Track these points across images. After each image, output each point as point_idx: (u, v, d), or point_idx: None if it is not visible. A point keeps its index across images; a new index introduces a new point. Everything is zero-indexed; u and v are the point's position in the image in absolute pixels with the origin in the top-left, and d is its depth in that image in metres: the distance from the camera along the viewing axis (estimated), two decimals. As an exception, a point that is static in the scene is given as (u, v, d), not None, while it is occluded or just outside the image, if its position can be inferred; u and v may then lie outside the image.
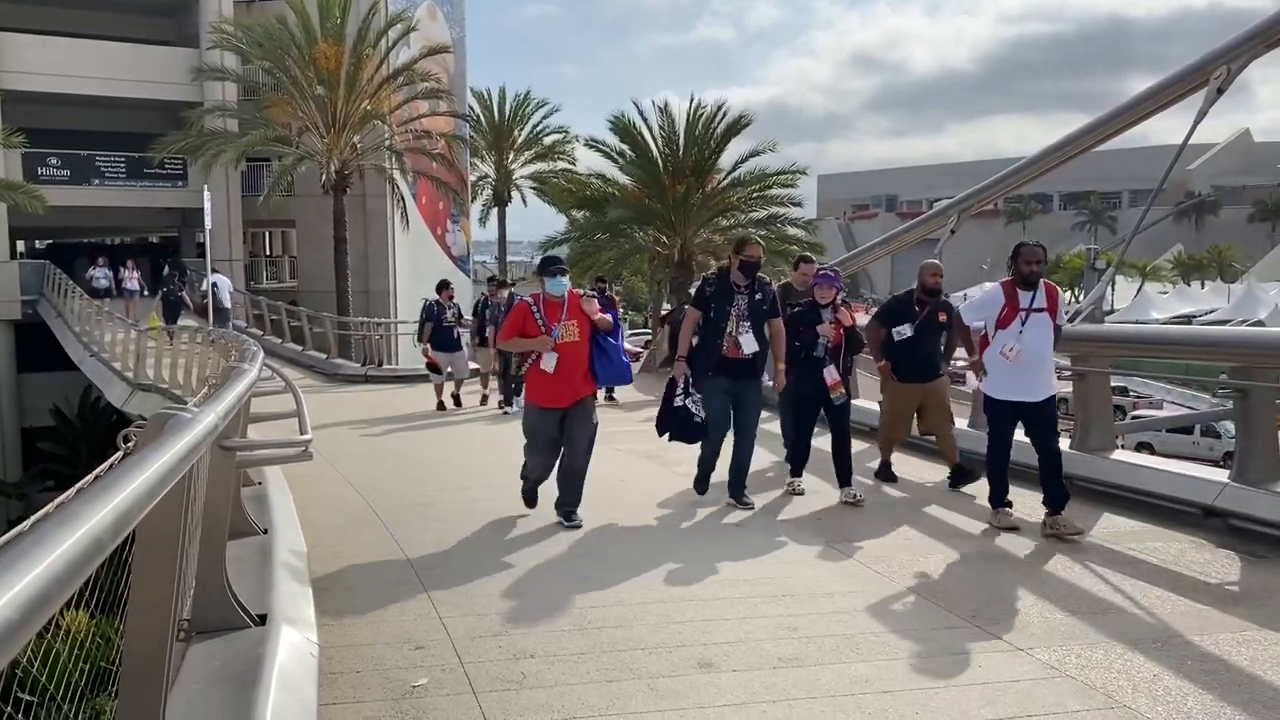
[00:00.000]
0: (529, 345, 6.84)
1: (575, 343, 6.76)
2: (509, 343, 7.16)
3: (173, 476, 2.33)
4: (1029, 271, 6.63)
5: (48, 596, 1.36)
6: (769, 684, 4.12)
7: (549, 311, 6.79)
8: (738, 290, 7.35)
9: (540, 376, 6.82)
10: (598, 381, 6.97)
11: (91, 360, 21.91)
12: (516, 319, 6.96)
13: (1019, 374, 6.57)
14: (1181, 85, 9.80)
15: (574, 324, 6.77)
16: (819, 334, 7.64)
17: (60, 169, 30.59)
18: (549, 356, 6.72)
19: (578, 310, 6.82)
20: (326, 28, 28.59)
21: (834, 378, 7.69)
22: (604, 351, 6.85)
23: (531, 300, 6.91)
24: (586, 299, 6.91)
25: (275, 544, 5.15)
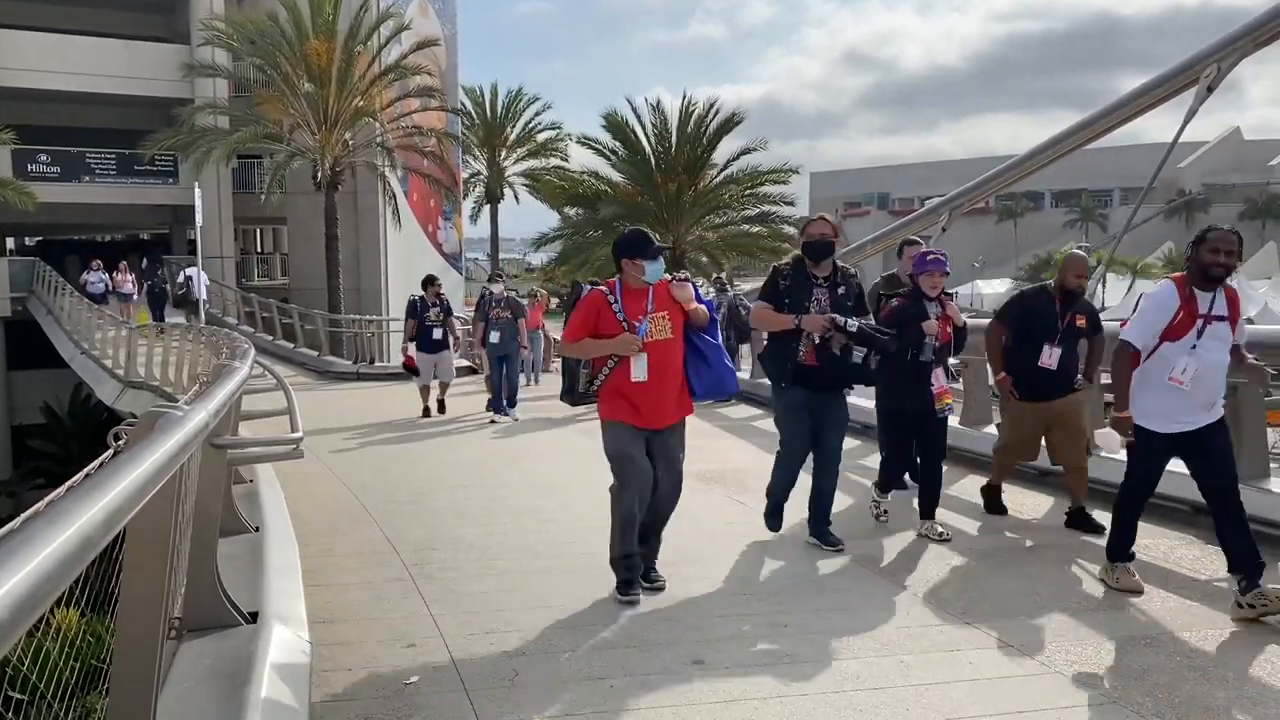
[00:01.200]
0: (608, 347, 5.17)
1: (668, 341, 5.22)
2: (577, 346, 5.28)
3: (164, 474, 2.33)
4: (1214, 265, 5.04)
5: (38, 595, 1.36)
6: (761, 681, 4.13)
7: (630, 302, 5.20)
8: (816, 283, 6.03)
9: (626, 391, 5.16)
10: (695, 394, 5.32)
11: (82, 358, 21.85)
12: (587, 313, 5.24)
13: (1185, 398, 5.04)
14: (1172, 83, 9.84)
15: (664, 316, 5.22)
16: (925, 332, 6.30)
17: (50, 166, 30.46)
18: (638, 360, 5.13)
19: (668, 299, 5.24)
20: (318, 24, 28.52)
21: (942, 384, 6.43)
22: (700, 354, 5.31)
23: (606, 289, 5.28)
24: (678, 284, 5.31)
25: (267, 542, 5.15)
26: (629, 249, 5.25)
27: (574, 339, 5.30)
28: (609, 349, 5.19)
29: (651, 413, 5.19)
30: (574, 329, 5.30)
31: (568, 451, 10.33)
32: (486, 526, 6.90)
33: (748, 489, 7.99)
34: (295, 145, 28.99)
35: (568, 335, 5.36)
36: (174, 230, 35.66)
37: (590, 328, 5.23)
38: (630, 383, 5.15)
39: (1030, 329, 6.61)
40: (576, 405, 5.48)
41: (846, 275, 6.17)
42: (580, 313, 5.29)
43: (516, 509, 7.45)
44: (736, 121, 29.34)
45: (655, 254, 5.23)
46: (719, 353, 5.36)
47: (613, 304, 5.22)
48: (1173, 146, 9.83)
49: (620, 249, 5.28)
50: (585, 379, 5.30)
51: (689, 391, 5.32)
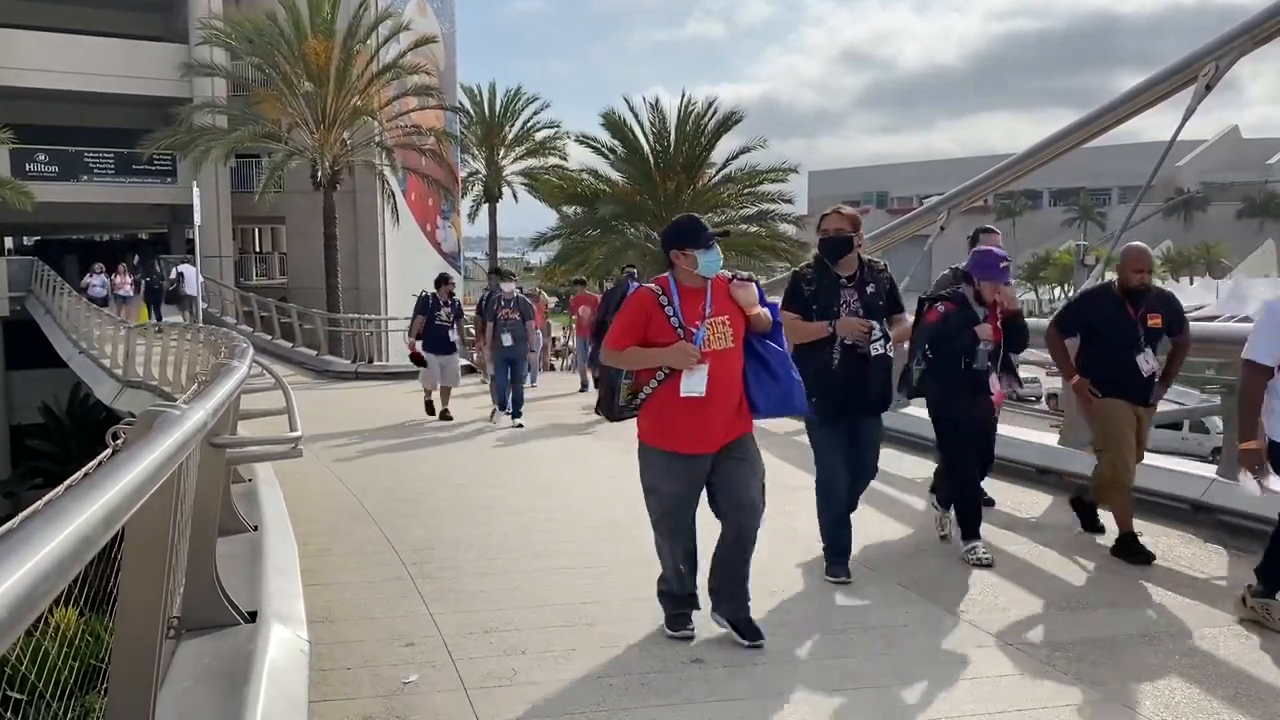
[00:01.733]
0: (661, 358, 4.37)
1: (729, 351, 4.42)
2: (622, 355, 4.48)
3: (162, 474, 2.32)
4: None
5: (37, 594, 1.36)
6: (760, 679, 4.13)
7: (686, 303, 4.43)
8: (842, 283, 5.41)
9: (675, 407, 4.39)
10: (756, 411, 4.53)
11: (80, 357, 21.84)
12: (635, 315, 4.45)
13: None
14: (1170, 82, 9.83)
15: (724, 321, 4.42)
16: (979, 338, 5.74)
17: (48, 165, 30.43)
18: (695, 374, 4.35)
19: (728, 301, 4.46)
20: (316, 23, 28.52)
21: (999, 390, 5.91)
22: (763, 364, 4.50)
23: (658, 287, 4.49)
24: (739, 284, 4.50)
25: (265, 541, 5.14)
26: (678, 238, 4.48)
27: (619, 346, 4.45)
28: (661, 360, 4.36)
29: (703, 433, 4.39)
30: (619, 334, 4.47)
31: (568, 451, 10.33)
32: (486, 526, 6.90)
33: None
34: (293, 144, 29.00)
35: (611, 341, 4.50)
36: (172, 229, 35.63)
37: (638, 333, 4.41)
38: (681, 398, 4.36)
39: (1095, 334, 6.01)
40: (616, 420, 4.73)
41: (875, 271, 5.50)
42: (626, 315, 4.48)
43: (516, 508, 7.45)
44: (735, 120, 29.36)
45: (709, 242, 4.42)
46: (785, 363, 4.54)
47: (665, 306, 4.40)
48: (1171, 145, 9.82)
49: (669, 239, 4.54)
50: (627, 391, 4.52)
51: (750, 407, 4.52)
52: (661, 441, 4.46)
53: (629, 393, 4.52)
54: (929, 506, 6.45)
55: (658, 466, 4.51)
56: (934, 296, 6.01)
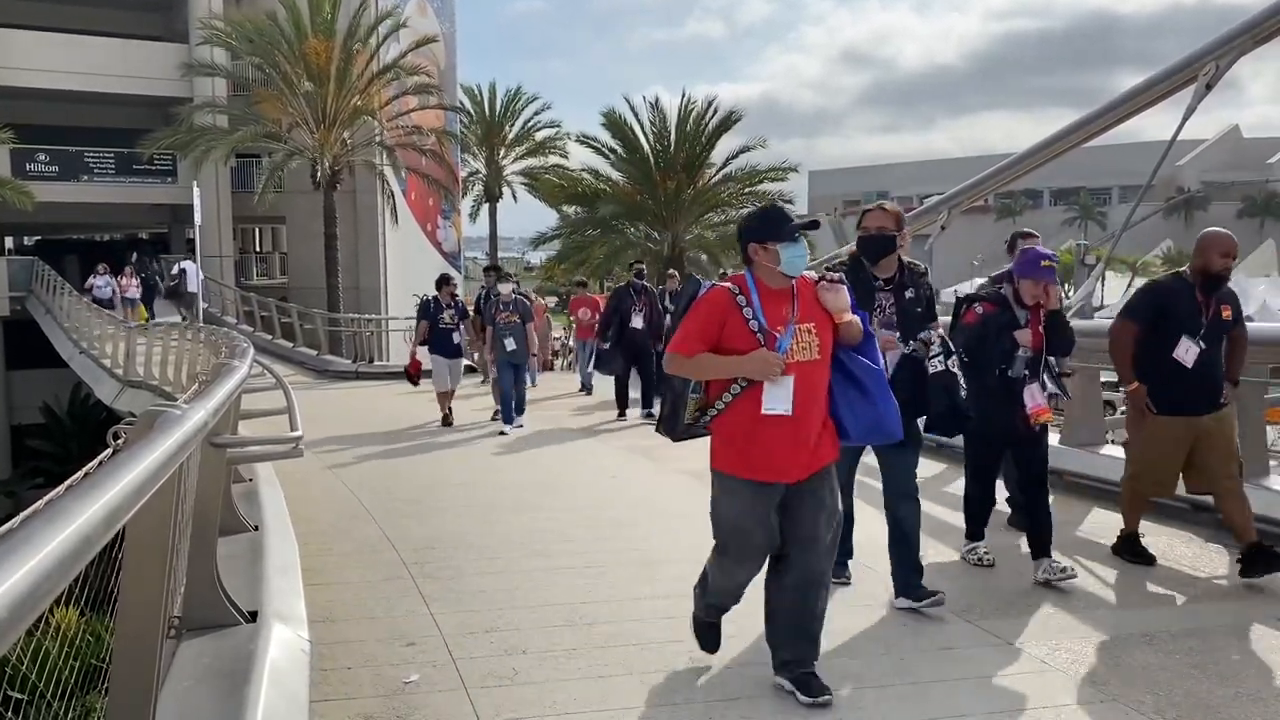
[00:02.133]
0: (739, 367, 3.77)
1: (815, 364, 3.82)
2: (691, 362, 3.84)
3: (163, 473, 2.32)
4: None
5: (37, 594, 1.36)
6: (761, 679, 4.13)
7: (769, 306, 3.82)
8: (879, 286, 4.95)
9: (753, 427, 3.78)
10: (846, 436, 3.95)
11: (81, 357, 21.85)
12: (709, 317, 3.84)
13: None
14: (1170, 81, 9.83)
15: (811, 329, 3.83)
16: (1018, 343, 5.33)
17: (48, 165, 30.43)
18: (779, 387, 3.74)
19: (815, 306, 3.87)
20: (316, 23, 28.52)
21: (1037, 401, 5.38)
22: (854, 382, 3.93)
23: (734, 286, 3.87)
24: (829, 286, 3.91)
25: (266, 541, 5.14)
26: (758, 229, 3.86)
27: (688, 352, 3.82)
28: (738, 369, 3.76)
29: (786, 459, 3.78)
30: (688, 338, 3.84)
31: (569, 451, 10.33)
32: (487, 525, 6.90)
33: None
34: (294, 144, 29.00)
35: (679, 346, 3.86)
36: (173, 229, 35.63)
37: (711, 339, 3.80)
38: (761, 416, 3.75)
39: (1165, 323, 5.52)
40: (680, 440, 4.06)
41: (915, 275, 5.02)
42: (697, 317, 3.86)
43: (517, 508, 7.45)
44: (735, 120, 29.37)
45: (793, 234, 3.81)
46: (879, 381, 3.95)
47: (744, 308, 3.79)
48: (1171, 144, 9.82)
49: (747, 231, 3.92)
50: (694, 406, 3.90)
51: (838, 431, 3.94)
52: (739, 467, 3.82)
53: (697, 408, 3.90)
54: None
55: (735, 496, 3.86)
56: (972, 297, 5.69)
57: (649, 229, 29.86)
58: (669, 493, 8.02)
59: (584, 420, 12.72)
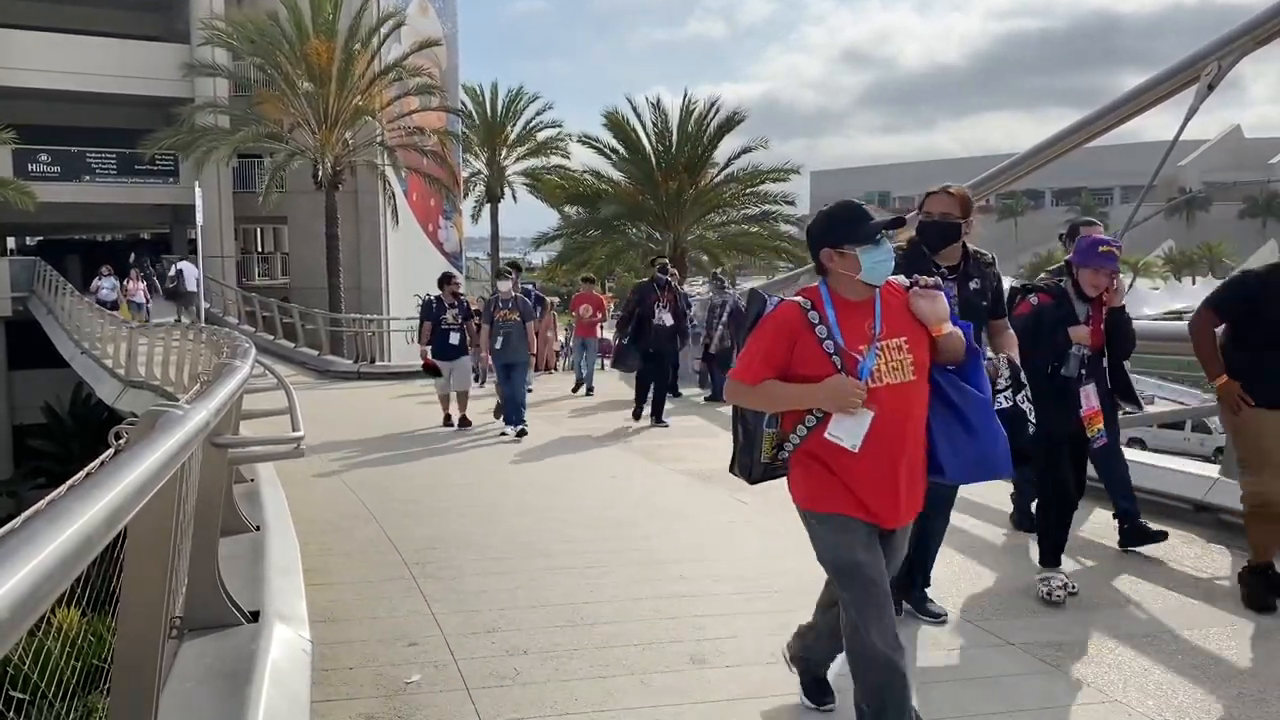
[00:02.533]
0: (812, 397, 3.24)
1: (909, 386, 3.27)
2: (756, 392, 3.31)
3: (164, 474, 2.32)
4: None
5: (39, 594, 1.36)
6: (762, 679, 4.13)
7: (847, 322, 3.26)
8: (941, 273, 4.38)
9: (835, 463, 3.26)
10: (941, 472, 3.38)
11: (83, 357, 21.87)
12: (776, 339, 3.29)
13: None
14: (1172, 82, 9.82)
15: (903, 345, 3.27)
16: (1074, 340, 4.99)
17: (50, 165, 30.47)
18: (853, 420, 3.20)
19: (906, 317, 3.32)
20: (318, 23, 28.54)
21: (1092, 403, 5.04)
22: (954, 411, 3.37)
23: (806, 301, 3.30)
24: (922, 293, 3.35)
25: (267, 541, 5.14)
26: (832, 232, 3.28)
27: (753, 379, 3.28)
28: (810, 399, 3.23)
29: (879, 501, 3.25)
30: (752, 363, 3.30)
31: (569, 452, 10.32)
32: (488, 525, 6.90)
33: (749, 488, 7.95)
34: (295, 144, 29.02)
35: (742, 374, 3.32)
36: (175, 230, 35.67)
37: (779, 363, 3.26)
38: (845, 450, 3.22)
39: (1258, 318, 5.04)
40: (758, 482, 3.54)
41: (982, 265, 4.53)
42: (763, 338, 3.31)
43: (518, 508, 7.45)
44: (737, 120, 29.37)
45: (875, 235, 3.22)
46: (984, 408, 3.38)
47: (817, 325, 3.23)
48: (1173, 145, 9.81)
49: (819, 234, 3.33)
50: (771, 441, 3.40)
51: (933, 468, 3.37)
52: (828, 502, 3.27)
53: (772, 445, 3.40)
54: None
55: (834, 532, 3.29)
56: (1029, 287, 5.26)
57: (650, 229, 29.85)
58: (670, 493, 8.02)
59: (586, 421, 12.72)
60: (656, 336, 11.87)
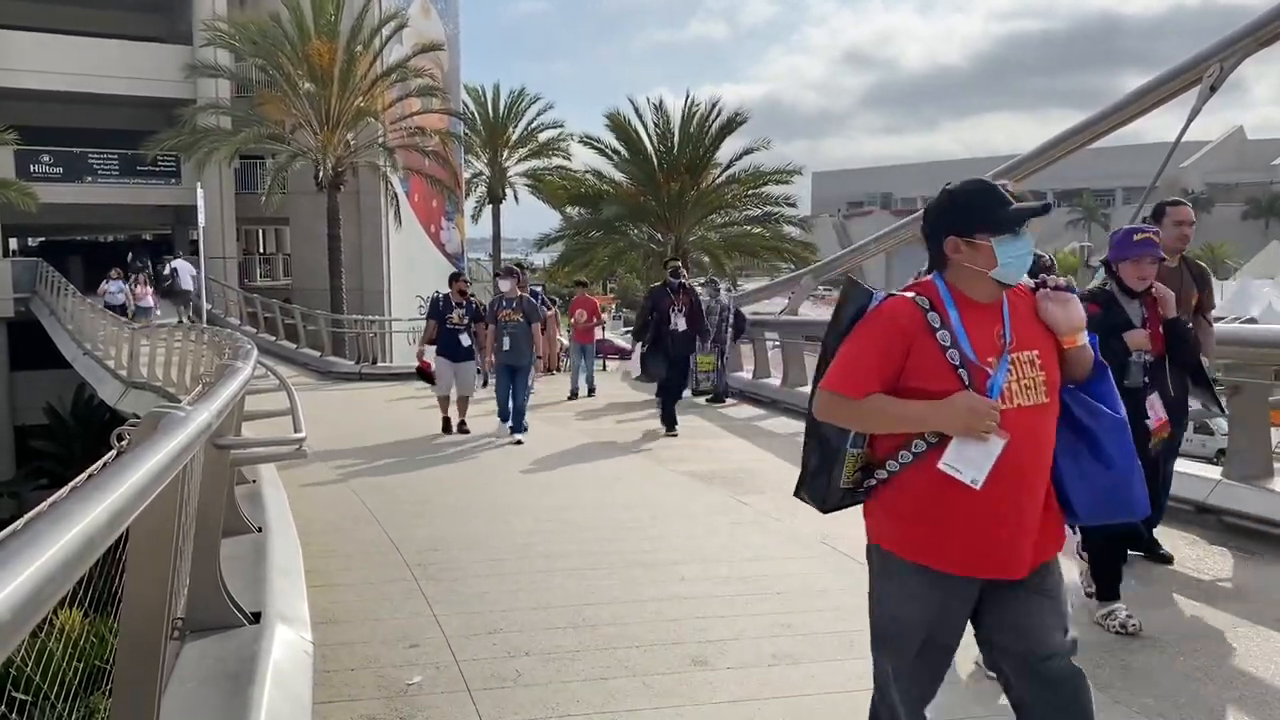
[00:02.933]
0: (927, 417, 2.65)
1: (1041, 409, 2.71)
2: (855, 409, 2.70)
3: (166, 475, 2.32)
4: None
5: (41, 595, 1.36)
6: (764, 681, 4.13)
7: (975, 328, 2.68)
8: None
9: (947, 497, 2.66)
10: (1073, 514, 2.83)
11: (85, 358, 21.89)
12: (888, 343, 2.69)
13: None
14: (1175, 83, 9.84)
15: (1034, 359, 2.71)
16: (1132, 347, 4.59)
17: (53, 166, 30.48)
18: (981, 448, 2.62)
19: (1035, 325, 2.77)
20: (320, 24, 28.54)
21: (1159, 414, 4.68)
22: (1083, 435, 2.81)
23: (924, 299, 2.71)
24: (1052, 295, 2.80)
25: (269, 542, 5.15)
26: (964, 215, 2.70)
27: (856, 392, 2.65)
28: (931, 420, 2.61)
29: (997, 544, 2.65)
30: (853, 372, 2.67)
31: (570, 453, 10.32)
32: (489, 527, 6.90)
33: (751, 489, 7.99)
34: (297, 146, 29.03)
35: (839, 383, 2.69)
36: (176, 231, 35.69)
37: (888, 373, 2.65)
38: (955, 484, 2.61)
39: None
40: (832, 510, 2.95)
41: (1038, 268, 4.01)
42: (869, 341, 2.68)
43: (519, 510, 7.45)
44: (740, 122, 29.34)
45: (1017, 223, 2.65)
46: (1120, 432, 2.81)
47: (937, 330, 2.64)
48: (1175, 146, 9.82)
49: (944, 216, 2.75)
50: (855, 464, 2.79)
51: (1063, 507, 2.80)
52: (918, 550, 2.71)
53: (856, 467, 2.79)
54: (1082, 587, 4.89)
55: (899, 582, 2.77)
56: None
57: (652, 230, 29.82)
58: (672, 494, 8.02)
59: (588, 423, 12.73)
60: (672, 342, 11.46)
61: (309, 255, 33.00)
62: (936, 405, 2.61)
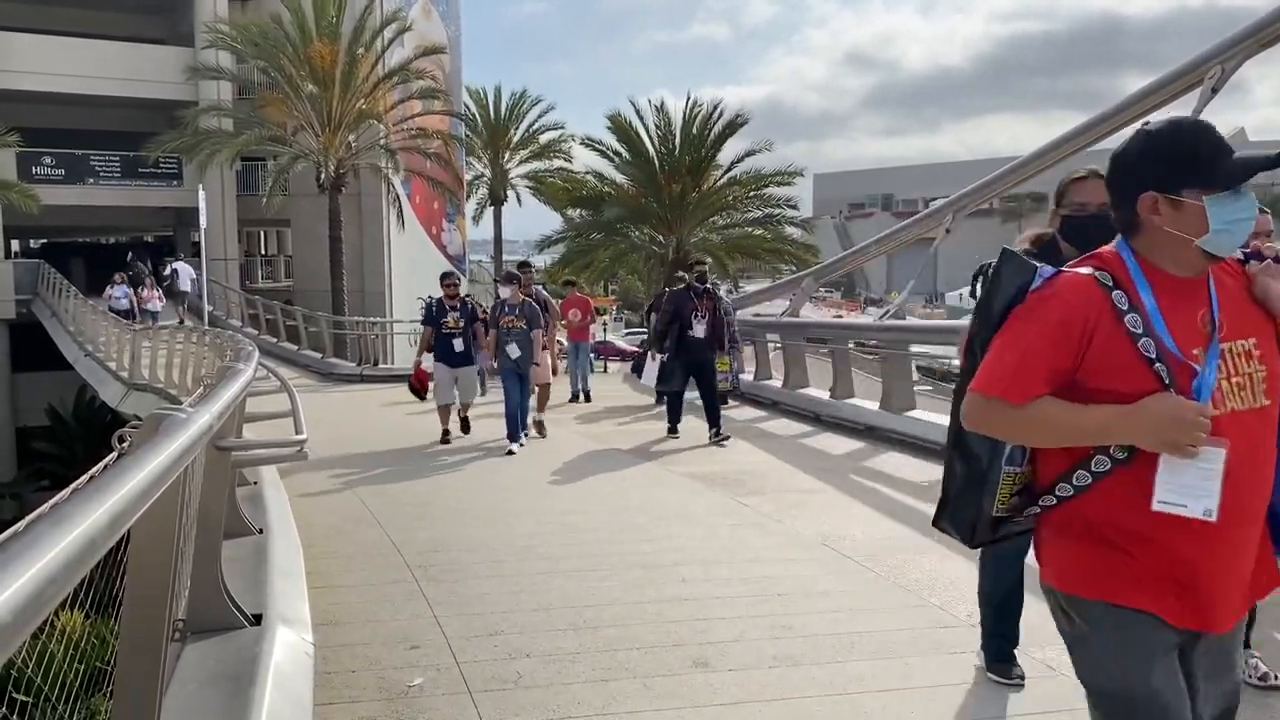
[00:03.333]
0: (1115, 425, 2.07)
1: (1259, 414, 2.14)
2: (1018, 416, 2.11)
3: (168, 477, 2.32)
4: None
5: (43, 597, 1.36)
6: (765, 683, 4.12)
7: (1175, 312, 2.10)
8: None
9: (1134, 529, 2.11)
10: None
11: (86, 360, 21.90)
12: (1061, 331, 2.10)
13: None
14: (1176, 84, 9.85)
15: (1252, 350, 2.14)
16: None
17: (54, 168, 30.52)
18: (1191, 469, 2.03)
19: (1250, 308, 2.20)
20: (321, 26, 28.57)
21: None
22: None
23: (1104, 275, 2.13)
24: (1273, 269, 2.23)
25: (270, 544, 5.14)
26: (1170, 164, 2.13)
27: (1019, 395, 2.12)
28: (1120, 430, 2.09)
29: (1205, 589, 2.13)
30: (1018, 370, 2.13)
31: (571, 455, 10.32)
32: (490, 529, 6.90)
33: (752, 491, 7.99)
34: (299, 147, 29.05)
35: (995, 385, 2.15)
36: (178, 232, 35.74)
37: (1062, 370, 2.12)
38: (1152, 514, 2.09)
39: None
40: (980, 545, 2.47)
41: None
42: (1039, 331, 2.13)
43: (520, 511, 7.45)
44: (741, 124, 29.33)
45: (1240, 178, 2.13)
46: None
47: (1126, 314, 2.11)
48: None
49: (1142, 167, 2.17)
50: (1012, 486, 2.27)
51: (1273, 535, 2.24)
52: (1123, 589, 2.15)
53: (1014, 490, 2.26)
54: None
55: (1123, 642, 2.16)
56: None
57: (654, 232, 29.83)
58: (672, 496, 8.01)
59: (588, 425, 12.73)
60: (695, 348, 10.90)
61: (310, 257, 33.02)
62: (1126, 412, 2.05)
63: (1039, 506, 2.24)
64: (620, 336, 34.85)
